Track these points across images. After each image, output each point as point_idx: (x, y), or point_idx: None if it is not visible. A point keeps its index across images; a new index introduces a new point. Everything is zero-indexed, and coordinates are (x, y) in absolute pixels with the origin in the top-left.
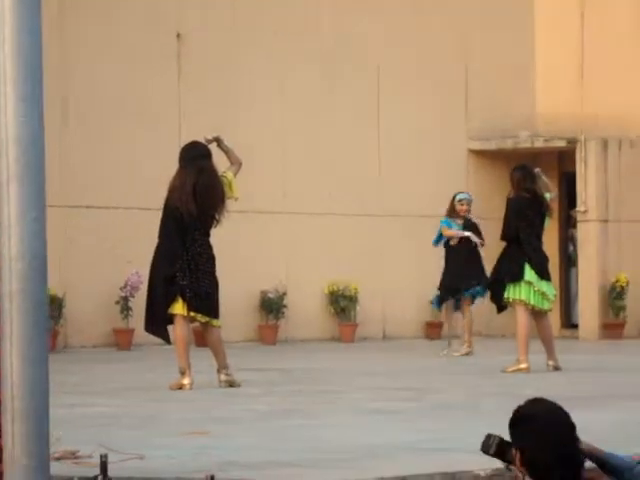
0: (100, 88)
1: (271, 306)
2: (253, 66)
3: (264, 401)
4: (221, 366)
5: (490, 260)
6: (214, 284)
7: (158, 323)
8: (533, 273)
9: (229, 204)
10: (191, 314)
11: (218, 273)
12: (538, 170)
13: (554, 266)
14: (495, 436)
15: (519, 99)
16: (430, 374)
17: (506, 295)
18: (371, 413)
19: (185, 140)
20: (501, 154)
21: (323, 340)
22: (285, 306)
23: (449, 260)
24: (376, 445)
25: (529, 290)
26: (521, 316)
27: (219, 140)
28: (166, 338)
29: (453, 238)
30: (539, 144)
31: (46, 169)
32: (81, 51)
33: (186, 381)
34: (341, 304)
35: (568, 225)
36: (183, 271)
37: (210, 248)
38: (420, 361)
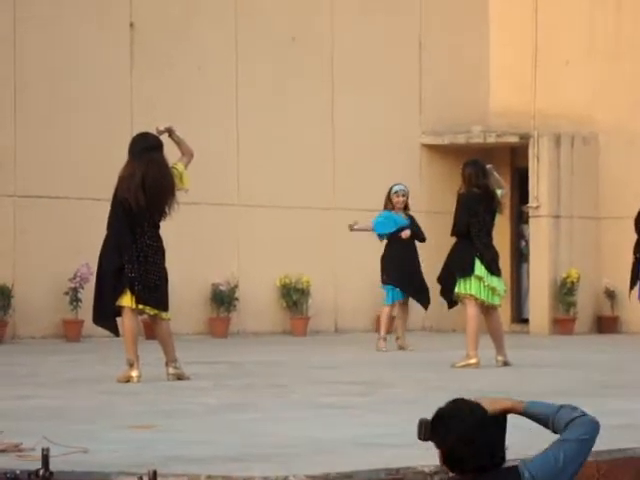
0: (51, 77)
1: (222, 299)
2: (207, 57)
3: (213, 395)
4: (169, 359)
5: (439, 254)
6: (163, 276)
7: (107, 315)
8: (483, 268)
9: (180, 196)
10: (140, 306)
11: (168, 265)
12: (490, 166)
13: (505, 261)
14: (427, 421)
15: (472, 94)
16: (380, 368)
17: (456, 290)
18: (321, 407)
19: (137, 130)
20: (454, 149)
21: (275, 333)
22: (237, 299)
23: (398, 254)
24: (324, 440)
25: (479, 285)
26: (471, 311)
27: (171, 131)
28: (115, 330)
29: (405, 232)
30: (492, 139)
31: None
32: (33, 38)
33: (134, 374)
34: (293, 297)
35: (520, 221)
36: (132, 263)
37: (160, 240)
38: (371, 355)
